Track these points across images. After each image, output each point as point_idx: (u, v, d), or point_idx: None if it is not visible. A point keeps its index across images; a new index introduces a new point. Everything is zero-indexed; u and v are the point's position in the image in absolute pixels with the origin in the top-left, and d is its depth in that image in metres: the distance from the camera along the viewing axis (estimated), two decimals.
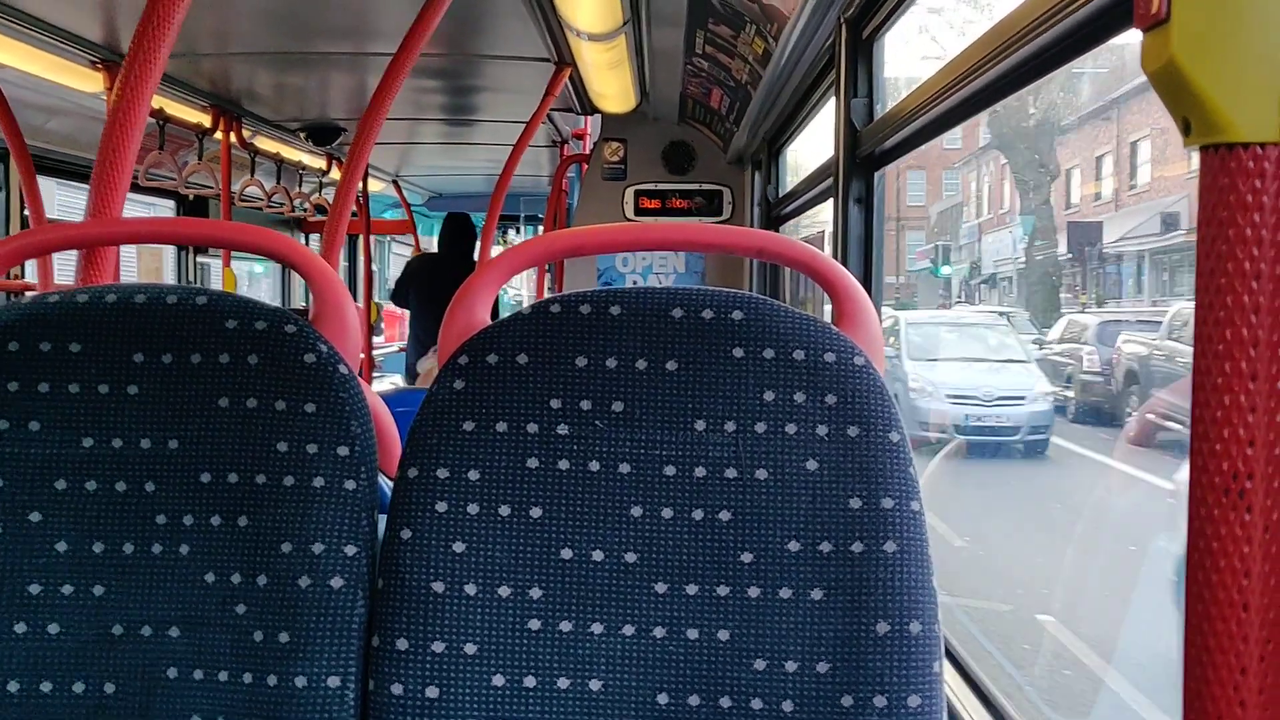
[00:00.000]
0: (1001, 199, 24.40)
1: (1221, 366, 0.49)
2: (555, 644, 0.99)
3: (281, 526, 1.03)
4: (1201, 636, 0.49)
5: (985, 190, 25.91)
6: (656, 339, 1.02)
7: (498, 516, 1.01)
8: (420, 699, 0.99)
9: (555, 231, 1.21)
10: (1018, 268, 21.98)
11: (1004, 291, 23.44)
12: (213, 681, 1.02)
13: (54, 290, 1.13)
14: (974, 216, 26.74)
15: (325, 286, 1.14)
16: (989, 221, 25.20)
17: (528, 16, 2.97)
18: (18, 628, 1.03)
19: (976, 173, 26.35)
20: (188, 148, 4.47)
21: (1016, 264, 21.98)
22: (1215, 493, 0.49)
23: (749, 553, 0.99)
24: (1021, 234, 20.63)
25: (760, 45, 3.14)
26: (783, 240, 1.15)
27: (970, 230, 26.35)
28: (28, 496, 1.05)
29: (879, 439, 1.00)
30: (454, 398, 1.03)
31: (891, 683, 0.96)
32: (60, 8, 2.89)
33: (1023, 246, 20.34)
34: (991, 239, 24.34)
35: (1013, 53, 1.41)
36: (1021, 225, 19.44)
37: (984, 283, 24.66)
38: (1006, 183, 23.30)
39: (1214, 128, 0.51)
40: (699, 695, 0.98)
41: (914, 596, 0.97)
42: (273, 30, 3.23)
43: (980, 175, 26.11)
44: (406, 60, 2.35)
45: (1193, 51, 0.51)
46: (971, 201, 27.28)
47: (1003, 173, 23.38)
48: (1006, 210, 23.77)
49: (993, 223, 24.88)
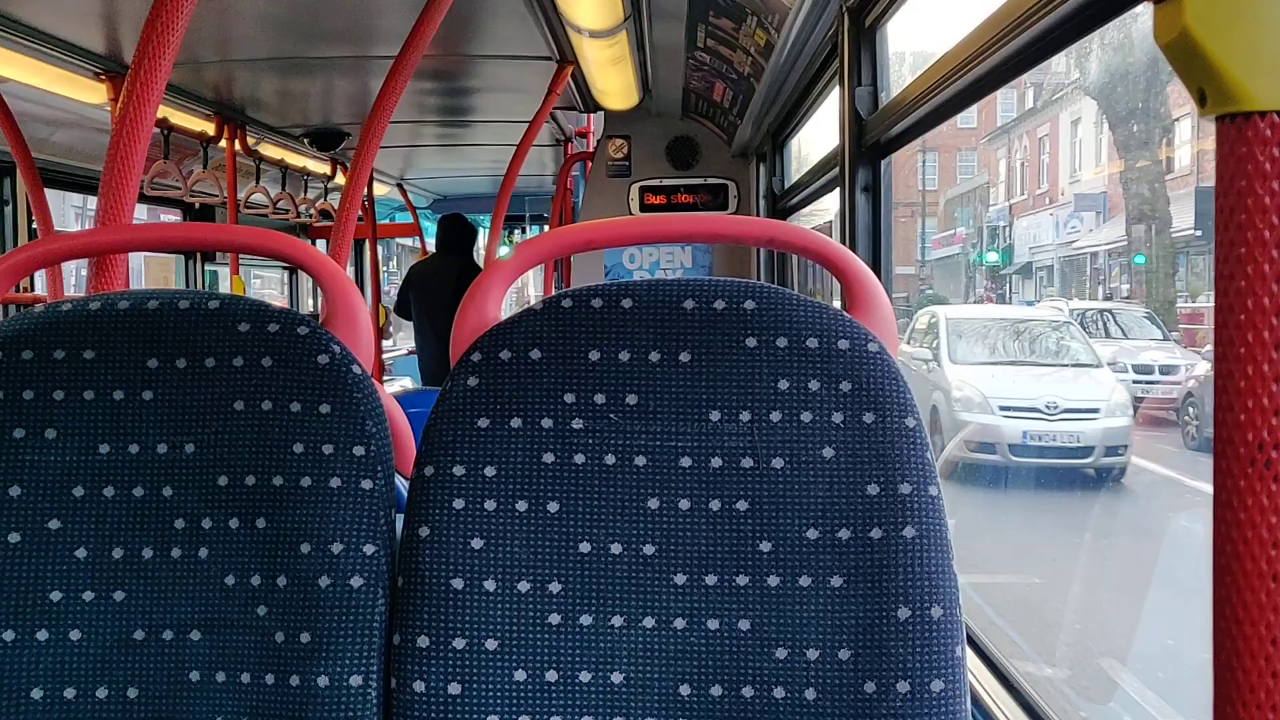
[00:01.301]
0: (1039, 177, 21.76)
1: (1244, 336, 0.49)
2: (576, 638, 0.99)
3: (300, 527, 1.03)
4: (1231, 609, 0.49)
5: (1019, 168, 23.27)
6: (669, 331, 1.02)
7: (515, 512, 1.01)
8: (443, 696, 0.99)
9: (564, 226, 1.21)
10: (1060, 256, 19.85)
11: (1042, 283, 21.22)
12: (235, 683, 1.02)
13: (66, 300, 1.14)
14: (1004, 198, 24.18)
15: (336, 288, 1.14)
16: (1023, 204, 22.73)
17: (528, 15, 2.97)
18: (40, 635, 1.03)
19: (1007, 149, 23.83)
20: (193, 156, 4.48)
21: (1061, 251, 19.60)
22: (1241, 464, 0.49)
23: (767, 541, 0.99)
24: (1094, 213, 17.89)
25: (762, 37, 3.14)
26: (792, 229, 1.15)
27: (999, 213, 23.83)
28: (46, 504, 1.05)
29: (895, 424, 0.99)
30: (468, 394, 1.03)
31: (914, 668, 0.96)
32: (63, 20, 2.90)
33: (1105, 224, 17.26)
34: (1027, 223, 21.89)
35: (1021, 33, 1.40)
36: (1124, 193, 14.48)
37: (1017, 273, 22.40)
38: (1045, 158, 21.11)
39: (1230, 97, 0.50)
40: (721, 685, 0.98)
41: (934, 581, 0.97)
42: (274, 36, 3.24)
43: (1012, 151, 23.65)
44: (408, 63, 2.35)
45: (1206, 21, 0.50)
46: (1000, 182, 24.64)
47: (1039, 147, 21.39)
48: (1045, 191, 21.32)
49: (1028, 205, 22.36)
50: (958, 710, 0.96)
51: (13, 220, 4.30)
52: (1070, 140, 20.18)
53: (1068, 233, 19.34)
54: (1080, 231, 18.82)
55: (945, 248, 27.15)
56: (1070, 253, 19.48)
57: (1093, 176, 18.92)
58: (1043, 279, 21.58)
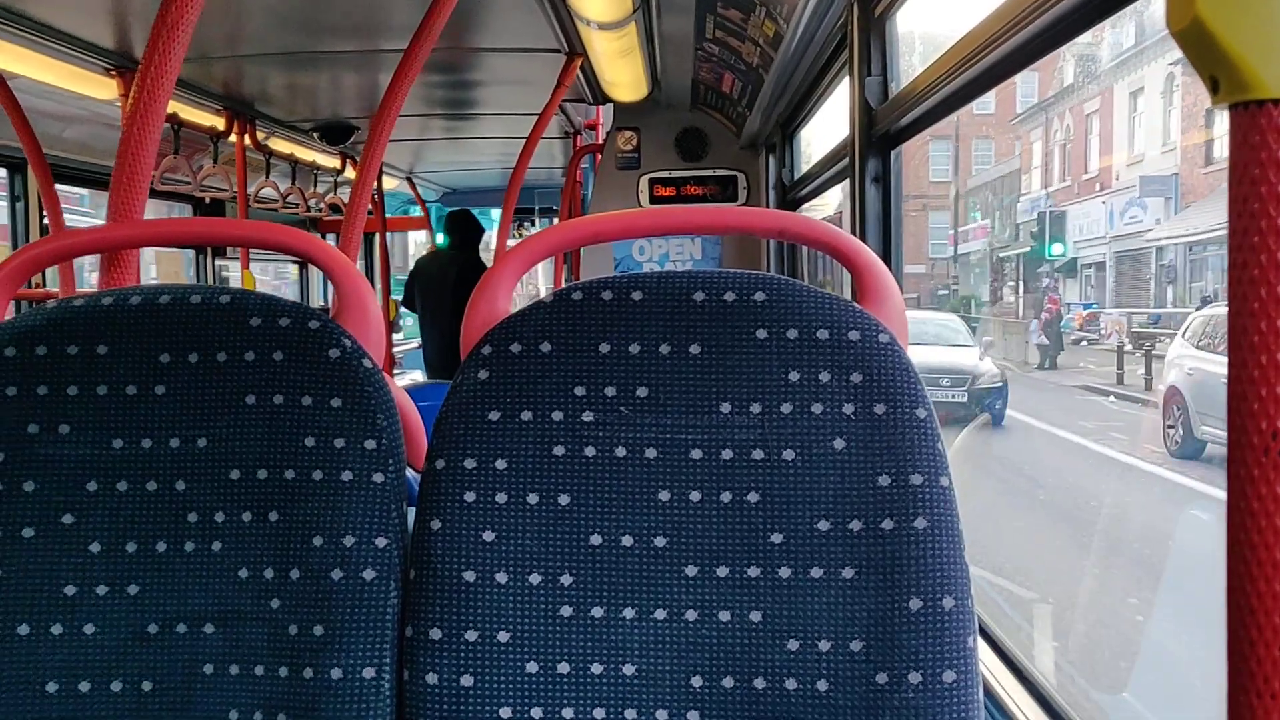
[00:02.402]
0: (1085, 159, 18.57)
1: (1258, 324, 0.49)
2: (587, 630, 1.00)
3: (312, 521, 1.04)
4: (1245, 597, 0.49)
5: (1060, 150, 20.04)
6: (679, 323, 1.02)
7: (526, 505, 1.01)
8: (455, 688, 0.99)
9: (574, 219, 1.21)
10: (1116, 251, 17.05)
11: (1088, 284, 18.42)
12: (249, 676, 1.03)
13: (78, 295, 1.14)
14: (1039, 186, 21.10)
15: (347, 281, 1.15)
16: (1065, 191, 19.62)
17: (537, 8, 2.97)
18: (54, 629, 1.04)
19: (1044, 130, 20.77)
20: (203, 151, 4.49)
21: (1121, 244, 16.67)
22: (1254, 452, 0.48)
23: (779, 533, 0.99)
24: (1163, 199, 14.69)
25: (771, 27, 3.13)
26: (803, 220, 1.15)
27: (1033, 203, 20.71)
28: (60, 499, 1.06)
29: (906, 415, 0.99)
30: (479, 388, 1.04)
31: (926, 659, 0.96)
32: (74, 17, 2.91)
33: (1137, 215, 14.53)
34: (1072, 213, 18.64)
35: (1032, 21, 1.39)
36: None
37: (1060, 270, 19.33)
38: (1095, 138, 18.09)
39: (1243, 85, 0.50)
40: (733, 677, 0.98)
41: (946, 572, 0.97)
42: (283, 31, 3.24)
43: (1051, 133, 20.41)
44: (417, 56, 2.35)
45: (1218, 8, 0.50)
46: (1034, 168, 21.43)
47: (1086, 126, 18.32)
48: (1095, 175, 18.07)
49: (1072, 192, 19.38)
50: (970, 701, 0.96)
51: (24, 216, 4.31)
52: (1128, 114, 17.52)
53: (1126, 223, 16.86)
54: (1142, 221, 16.28)
55: (965, 243, 24.66)
56: (1131, 247, 16.85)
57: (1160, 155, 15.96)
58: (1089, 279, 18.71)
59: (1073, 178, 19.74)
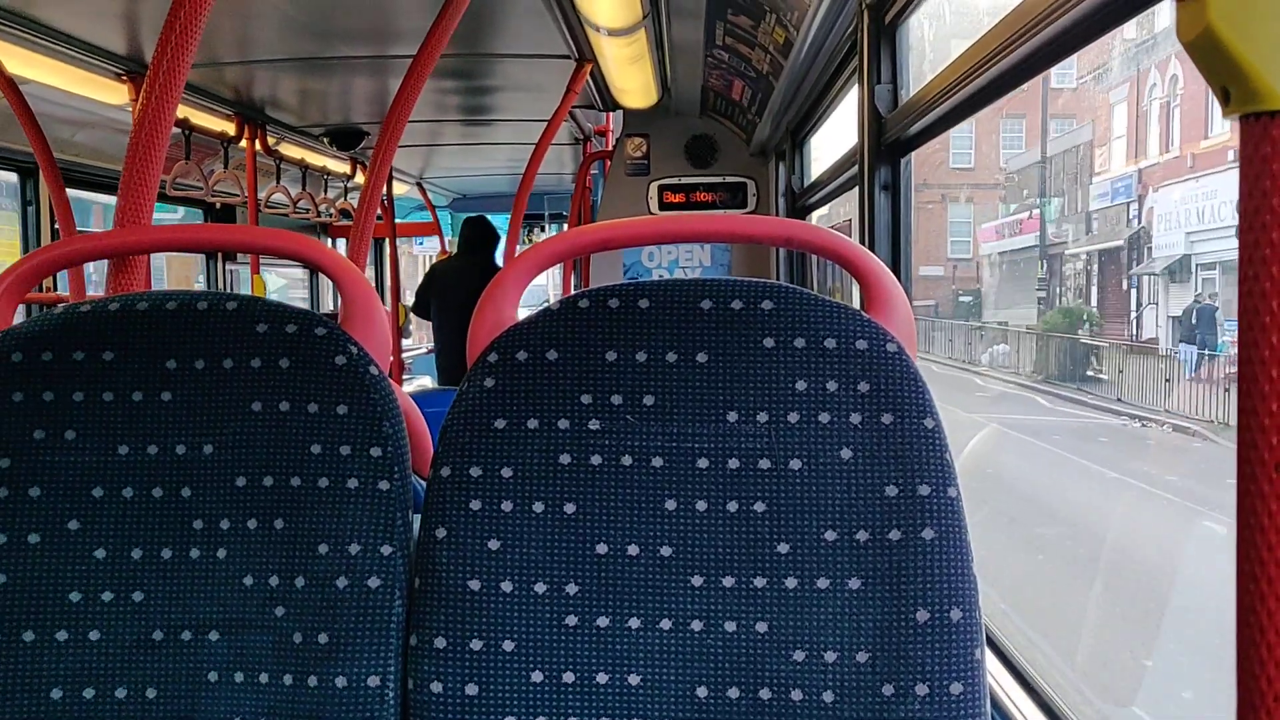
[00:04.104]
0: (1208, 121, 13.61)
1: (1268, 340, 0.48)
2: (593, 639, 0.99)
3: (317, 528, 1.03)
4: (1255, 616, 0.48)
5: (1153, 114, 14.52)
6: (686, 331, 1.02)
7: (532, 513, 1.01)
8: (460, 697, 0.99)
9: (582, 226, 1.20)
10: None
11: (1209, 288, 13.85)
12: (254, 684, 1.02)
13: (86, 301, 1.14)
14: (1123, 163, 15.64)
15: (353, 289, 1.15)
16: (1157, 170, 14.51)
17: (547, 14, 2.97)
18: (59, 635, 1.04)
19: (1134, 89, 14.82)
20: (213, 156, 4.51)
21: None
22: (1265, 468, 0.48)
23: (785, 543, 0.98)
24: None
25: (781, 35, 3.12)
26: (811, 228, 1.14)
27: (1119, 188, 15.37)
28: (66, 505, 1.06)
29: (913, 426, 0.99)
30: (485, 395, 1.03)
31: (933, 671, 0.95)
32: (85, 22, 2.92)
33: None
34: (1173, 198, 13.80)
35: (1043, 29, 1.39)
36: None
37: (1160, 274, 14.82)
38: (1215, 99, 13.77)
39: (1254, 96, 0.49)
40: (738, 688, 0.98)
41: (953, 583, 0.96)
42: (294, 36, 3.25)
43: (1142, 92, 14.64)
44: (427, 62, 2.35)
45: (1230, 18, 0.49)
46: (1115, 138, 15.73)
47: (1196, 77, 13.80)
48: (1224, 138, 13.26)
49: (1173, 170, 14.52)
50: (977, 713, 0.96)
51: (35, 221, 4.33)
52: None
53: None
54: None
55: (1008, 239, 19.66)
56: None
57: None
58: (1211, 282, 14.44)
59: (1185, 150, 14.96)
